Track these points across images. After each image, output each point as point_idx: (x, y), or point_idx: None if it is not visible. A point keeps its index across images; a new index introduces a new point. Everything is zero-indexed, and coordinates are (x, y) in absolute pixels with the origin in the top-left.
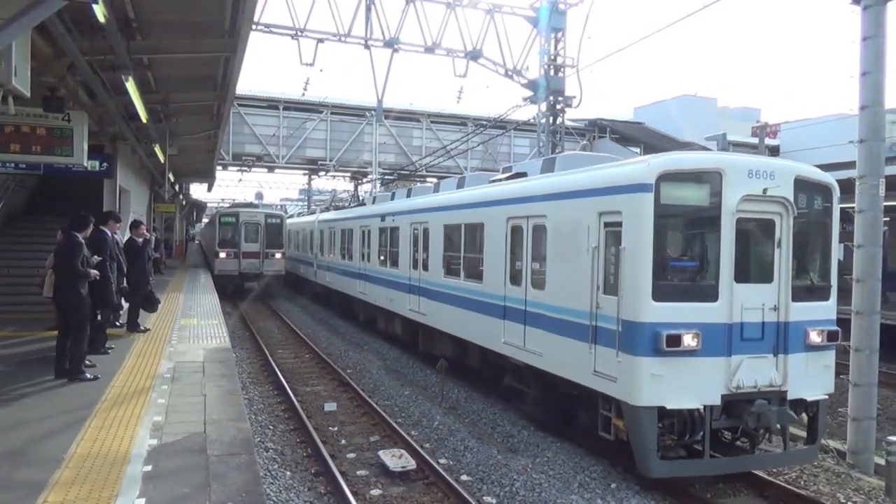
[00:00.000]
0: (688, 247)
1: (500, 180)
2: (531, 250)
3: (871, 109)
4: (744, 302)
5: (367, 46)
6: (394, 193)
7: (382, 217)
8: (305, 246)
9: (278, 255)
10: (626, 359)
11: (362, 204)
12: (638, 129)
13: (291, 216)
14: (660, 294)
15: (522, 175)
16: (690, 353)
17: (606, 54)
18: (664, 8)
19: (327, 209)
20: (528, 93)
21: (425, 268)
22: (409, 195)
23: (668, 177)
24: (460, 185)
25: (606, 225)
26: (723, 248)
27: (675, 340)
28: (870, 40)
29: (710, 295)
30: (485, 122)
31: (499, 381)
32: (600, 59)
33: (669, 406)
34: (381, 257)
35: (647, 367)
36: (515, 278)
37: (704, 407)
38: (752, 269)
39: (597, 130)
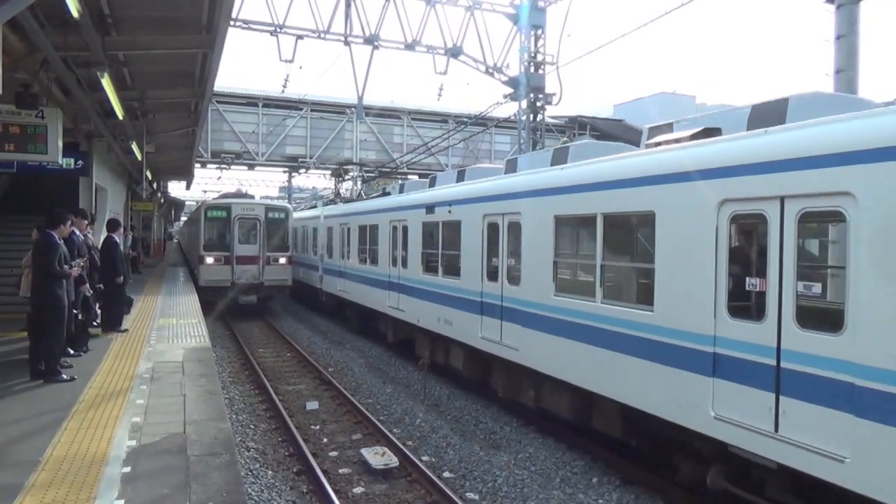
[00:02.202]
0: None
1: (669, 143)
2: (793, 258)
3: None
4: None
5: (346, 43)
6: (434, 178)
7: (429, 208)
8: (307, 246)
9: (283, 261)
10: None
11: (386, 194)
12: (617, 126)
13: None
14: None
15: (714, 132)
16: None
17: (586, 52)
18: (643, 5)
19: (332, 202)
20: (509, 90)
21: (512, 279)
22: (460, 178)
23: None
24: (559, 159)
25: None
26: None
27: None
28: (843, 39)
29: None
30: (466, 120)
31: (665, 461)
32: (580, 56)
33: None
34: (428, 262)
35: None
36: (749, 307)
37: None
38: None
39: (577, 127)
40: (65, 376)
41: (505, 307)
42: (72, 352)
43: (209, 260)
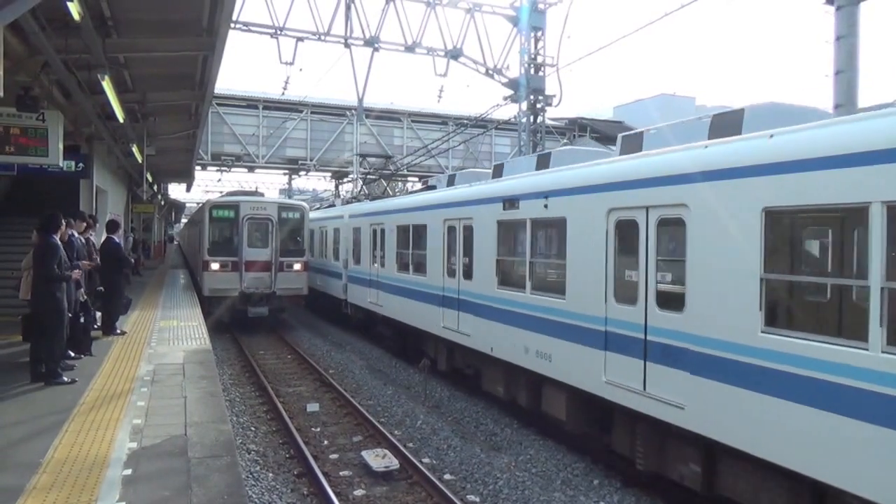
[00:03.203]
0: None
1: None
2: None
3: (844, 108)
4: None
5: (347, 45)
6: (500, 167)
7: (508, 201)
8: (326, 250)
9: (298, 267)
10: None
11: (431, 187)
12: (618, 128)
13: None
14: None
15: None
16: None
17: (586, 53)
18: (643, 7)
19: (355, 199)
20: (509, 92)
21: (667, 303)
22: (542, 165)
23: None
24: (726, 128)
25: None
26: None
27: None
28: (843, 40)
29: None
30: (466, 122)
31: None
32: (580, 57)
33: None
34: (507, 273)
35: None
36: None
37: None
38: None
39: (577, 129)
40: (65, 378)
41: (651, 342)
42: (73, 354)
43: (214, 266)
